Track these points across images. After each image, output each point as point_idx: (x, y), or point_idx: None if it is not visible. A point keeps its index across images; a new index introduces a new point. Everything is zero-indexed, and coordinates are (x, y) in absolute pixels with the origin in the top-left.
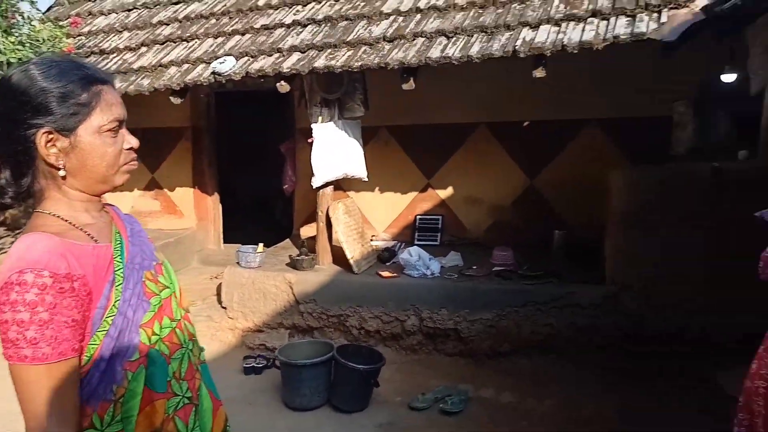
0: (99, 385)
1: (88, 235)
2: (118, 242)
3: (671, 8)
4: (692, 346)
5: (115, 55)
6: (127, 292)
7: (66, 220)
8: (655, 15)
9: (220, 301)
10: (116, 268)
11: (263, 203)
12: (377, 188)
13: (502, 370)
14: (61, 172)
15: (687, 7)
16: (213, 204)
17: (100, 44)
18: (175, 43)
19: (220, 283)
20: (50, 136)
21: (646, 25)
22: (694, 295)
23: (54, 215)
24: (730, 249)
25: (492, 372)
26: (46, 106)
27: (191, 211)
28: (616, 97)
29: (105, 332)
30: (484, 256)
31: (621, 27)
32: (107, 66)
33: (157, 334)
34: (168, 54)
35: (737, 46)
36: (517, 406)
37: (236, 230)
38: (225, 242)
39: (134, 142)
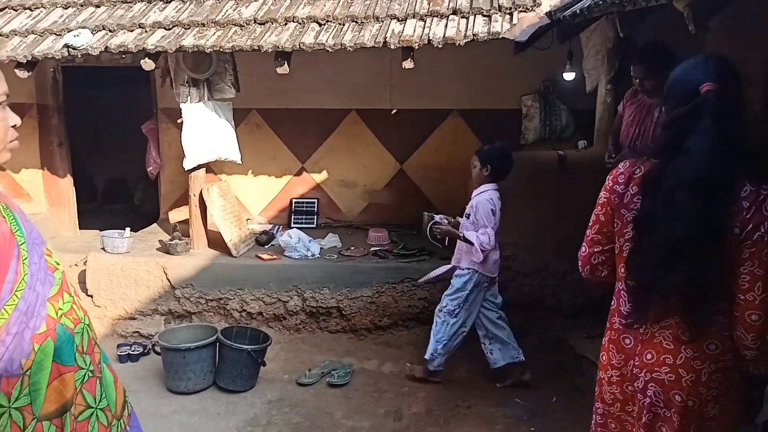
0: (4, 359)
1: None
2: (12, 217)
3: (521, 11)
4: (545, 312)
5: None
6: (33, 266)
7: None
8: (508, 17)
9: (85, 290)
10: (19, 242)
11: (120, 187)
12: (250, 171)
13: (384, 342)
14: None
15: (534, 11)
16: (66, 187)
17: None
18: (16, 11)
19: (83, 270)
20: None
21: (500, 25)
22: (546, 264)
23: None
24: (574, 223)
25: (374, 345)
26: None
27: (41, 195)
28: (476, 90)
29: (14, 306)
30: (360, 236)
31: (479, 26)
32: None
33: (61, 309)
34: (9, 22)
35: (575, 48)
36: (399, 373)
37: (90, 215)
38: (80, 228)
39: (17, 120)
